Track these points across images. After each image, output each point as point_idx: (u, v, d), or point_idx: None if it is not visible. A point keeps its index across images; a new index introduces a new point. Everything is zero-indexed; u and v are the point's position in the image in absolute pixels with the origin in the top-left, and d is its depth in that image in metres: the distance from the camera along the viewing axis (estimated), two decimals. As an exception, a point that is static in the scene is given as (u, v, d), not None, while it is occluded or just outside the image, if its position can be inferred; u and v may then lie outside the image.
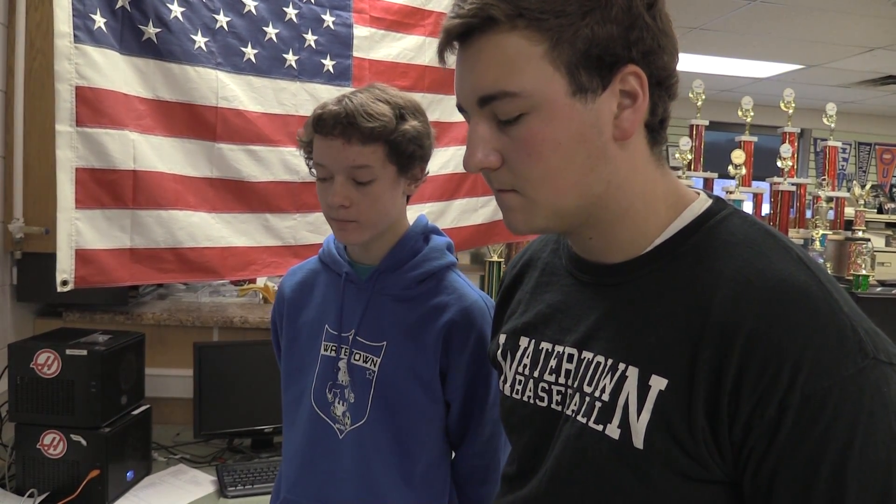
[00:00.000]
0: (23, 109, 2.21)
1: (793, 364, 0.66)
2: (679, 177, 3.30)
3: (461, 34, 0.75)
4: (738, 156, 3.31)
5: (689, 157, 3.29)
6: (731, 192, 3.30)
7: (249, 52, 2.15)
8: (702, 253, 0.76)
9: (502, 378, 0.94)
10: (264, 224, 2.21)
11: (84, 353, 1.88)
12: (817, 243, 3.38)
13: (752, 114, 3.44)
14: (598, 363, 0.79)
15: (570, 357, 0.83)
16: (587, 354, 0.81)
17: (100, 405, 1.89)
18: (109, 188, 1.89)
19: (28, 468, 1.87)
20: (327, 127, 1.22)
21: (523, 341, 0.91)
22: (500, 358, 0.95)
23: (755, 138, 3.47)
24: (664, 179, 0.81)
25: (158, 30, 1.97)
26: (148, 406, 2.12)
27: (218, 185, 2.11)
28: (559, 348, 0.85)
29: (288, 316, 1.40)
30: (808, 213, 3.68)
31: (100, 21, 1.86)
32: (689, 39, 4.93)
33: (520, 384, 0.90)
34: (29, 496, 1.82)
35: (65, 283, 1.82)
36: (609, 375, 0.77)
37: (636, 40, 0.73)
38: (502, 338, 0.96)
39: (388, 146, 1.23)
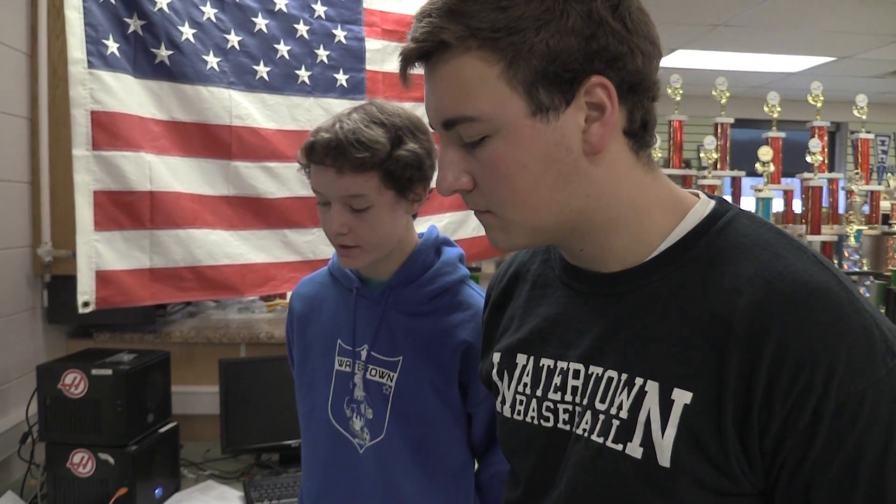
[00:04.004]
0: (47, 136, 2.27)
1: (826, 369, 0.64)
2: (705, 176, 3.26)
3: (417, 58, 0.73)
4: (765, 153, 3.24)
5: (715, 155, 3.24)
6: (759, 190, 3.24)
7: (262, 70, 2.18)
8: (713, 257, 0.73)
9: (500, 399, 0.91)
10: (283, 240, 2.22)
11: (109, 372, 1.91)
12: (852, 239, 3.30)
13: (779, 109, 3.37)
14: (611, 378, 0.76)
15: (577, 373, 0.80)
16: (596, 369, 0.78)
17: (126, 424, 1.91)
18: (127, 210, 1.93)
19: (59, 487, 1.90)
20: (319, 156, 1.20)
21: (521, 359, 0.87)
22: (495, 378, 0.91)
23: (783, 134, 3.40)
24: (655, 184, 0.78)
25: (171, 52, 2.01)
26: (175, 423, 2.14)
27: (235, 202, 2.14)
28: (562, 364, 0.82)
29: (298, 329, 1.40)
30: (842, 209, 3.59)
31: (112, 46, 1.90)
32: (713, 36, 4.85)
33: (521, 404, 0.86)
34: (57, 514, 1.85)
35: (86, 304, 1.86)
36: (625, 391, 0.74)
37: (600, 49, 0.70)
38: (496, 356, 0.92)
39: (383, 173, 1.20)
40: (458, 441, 1.29)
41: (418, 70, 0.76)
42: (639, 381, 0.73)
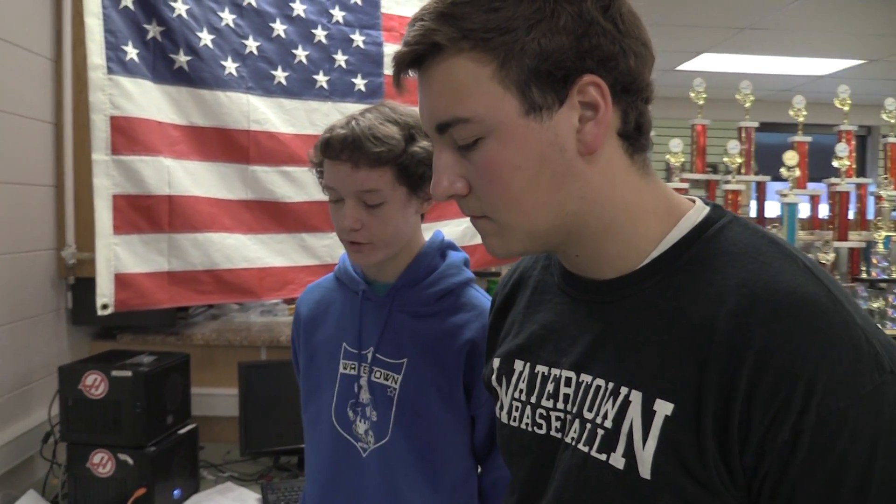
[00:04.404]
0: (72, 140, 2.31)
1: (806, 383, 0.62)
2: (728, 181, 3.22)
3: (411, 62, 0.74)
4: (790, 157, 3.19)
5: (739, 160, 3.19)
6: (784, 195, 3.19)
7: (280, 75, 2.20)
8: (701, 265, 0.72)
9: (499, 405, 0.90)
10: (301, 244, 2.24)
11: (129, 374, 1.93)
12: (880, 245, 3.23)
13: (804, 113, 3.32)
14: (599, 387, 0.75)
15: (568, 381, 0.79)
16: (586, 377, 0.77)
17: (145, 425, 1.94)
18: (146, 213, 1.96)
19: (79, 487, 1.93)
20: (335, 151, 1.22)
21: (518, 365, 0.87)
22: (494, 383, 0.91)
23: (809, 138, 3.34)
24: (650, 188, 0.77)
25: (189, 58, 2.04)
26: (194, 425, 2.16)
27: (253, 206, 2.16)
28: (556, 371, 0.81)
29: (304, 334, 1.41)
30: (871, 215, 3.52)
31: (132, 52, 1.93)
32: (739, 40, 4.80)
33: (517, 411, 0.86)
34: (78, 514, 1.88)
35: (105, 306, 1.89)
36: (611, 400, 0.73)
37: (592, 48, 0.69)
38: (496, 362, 0.91)
39: (397, 169, 1.22)
40: (461, 446, 1.29)
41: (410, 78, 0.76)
42: (624, 390, 0.72)
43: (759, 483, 0.65)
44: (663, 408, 0.68)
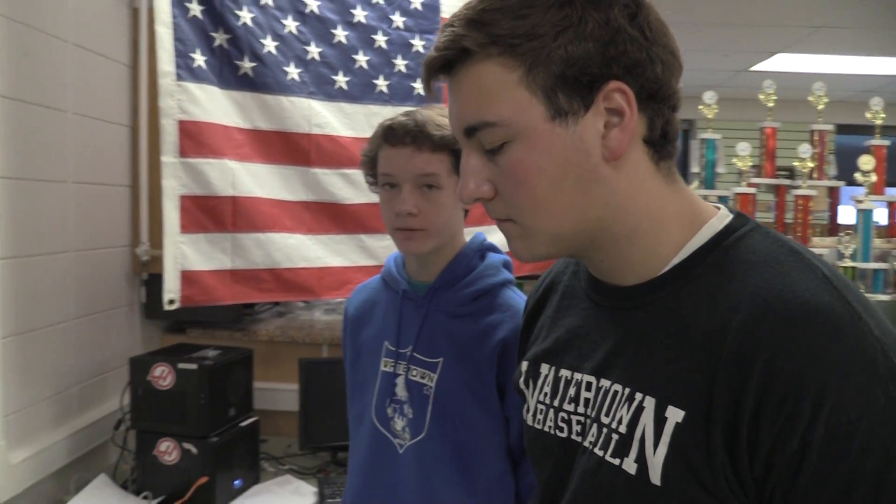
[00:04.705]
0: (146, 143, 2.43)
1: (815, 394, 0.61)
2: (798, 186, 3.12)
3: (441, 67, 0.75)
4: (865, 161, 3.06)
5: (811, 164, 3.09)
6: (860, 201, 3.07)
7: (341, 79, 2.26)
8: (719, 273, 0.71)
9: (526, 407, 0.92)
10: (359, 244, 2.29)
11: (194, 367, 2.02)
12: (964, 254, 3.07)
13: (882, 115, 3.18)
14: (616, 392, 0.75)
15: (589, 385, 0.80)
16: (605, 383, 0.78)
17: (209, 416, 2.02)
18: (211, 214, 2.04)
19: (147, 473, 2.03)
20: (397, 136, 1.26)
21: (544, 368, 0.88)
22: (522, 386, 0.93)
23: (887, 142, 3.20)
24: (675, 196, 0.77)
25: (254, 64, 2.11)
26: (256, 418, 2.24)
27: (314, 208, 2.22)
28: (578, 376, 0.82)
29: (351, 333, 1.45)
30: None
31: (199, 59, 2.02)
32: (815, 39, 4.64)
33: (541, 413, 0.87)
34: (143, 498, 1.97)
35: (171, 301, 1.98)
36: (626, 406, 0.73)
37: (618, 55, 0.70)
38: (524, 365, 0.93)
39: (454, 157, 1.25)
40: (496, 447, 1.29)
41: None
42: (638, 396, 0.72)
43: (768, 495, 0.64)
44: (674, 415, 0.68)
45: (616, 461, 0.73)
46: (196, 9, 2.03)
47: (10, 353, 1.84)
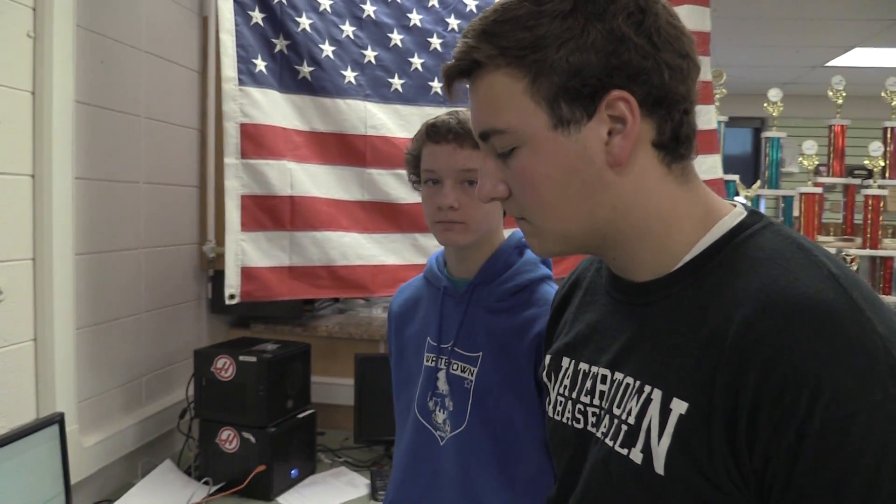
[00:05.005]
0: (214, 146, 2.54)
1: (812, 388, 0.62)
2: (869, 185, 3.01)
3: (458, 75, 0.79)
4: (942, 160, 2.95)
5: (882, 163, 2.98)
6: (935, 201, 2.95)
7: (396, 82, 2.31)
8: (727, 270, 0.73)
9: (548, 399, 0.94)
10: (413, 243, 2.34)
11: (254, 359, 2.11)
12: None
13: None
14: (628, 385, 0.78)
15: (604, 378, 0.82)
16: (619, 375, 0.80)
17: (267, 407, 2.10)
18: (270, 213, 2.13)
19: (209, 460, 2.12)
20: (441, 133, 1.30)
21: (565, 362, 0.91)
22: (545, 379, 0.95)
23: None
24: (689, 196, 0.78)
25: (312, 68, 2.19)
26: (313, 411, 2.31)
27: (369, 207, 2.29)
28: (595, 369, 0.84)
29: (396, 330, 1.49)
30: None
31: (261, 65, 2.11)
32: (894, 32, 4.45)
33: (560, 405, 0.89)
34: (204, 483, 2.07)
35: (232, 296, 2.07)
36: (636, 398, 0.75)
37: (622, 64, 0.71)
38: (548, 359, 0.96)
39: None
40: (536, 440, 1.30)
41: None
42: (647, 388, 0.74)
43: (767, 486, 0.65)
44: (679, 406, 0.70)
45: (624, 451, 0.75)
46: (258, 16, 2.12)
47: (84, 344, 1.96)
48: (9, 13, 1.67)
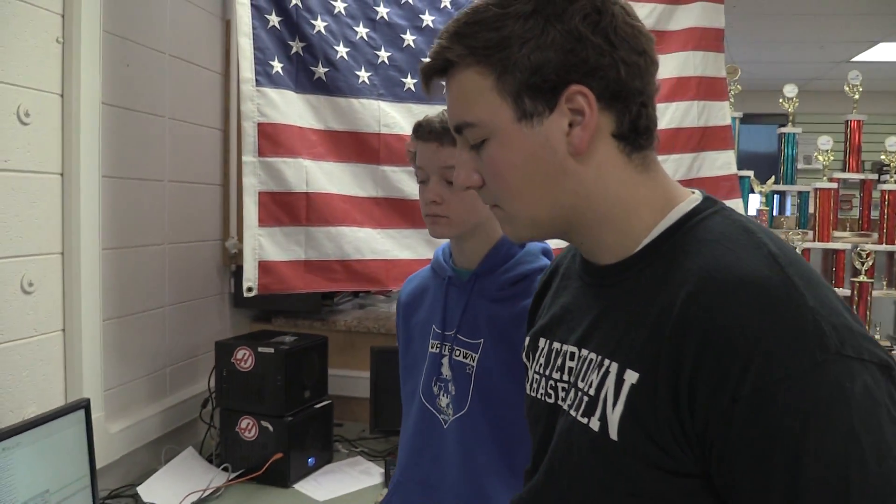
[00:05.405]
0: (236, 145, 2.62)
1: (745, 356, 0.67)
2: (885, 181, 3.00)
3: (432, 74, 0.86)
4: (960, 155, 2.93)
5: (905, 159, 2.97)
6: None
7: (409, 81, 2.37)
8: (678, 251, 0.78)
9: (527, 377, 1.01)
10: (425, 238, 2.39)
11: (272, 350, 2.18)
12: None
13: (982, 106, 3.03)
14: (591, 360, 0.84)
15: (573, 355, 0.88)
16: (584, 352, 0.86)
17: (285, 397, 2.17)
18: (286, 208, 2.20)
19: (229, 447, 2.21)
20: (424, 133, 1.39)
21: (541, 342, 0.97)
22: (525, 359, 1.02)
23: None
24: (649, 184, 0.84)
25: (327, 69, 2.26)
26: (329, 401, 2.38)
27: (382, 203, 2.35)
28: (565, 347, 0.90)
29: (403, 318, 1.56)
30: None
31: (277, 66, 2.18)
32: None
33: (536, 382, 0.96)
34: (223, 469, 2.15)
35: (249, 289, 2.15)
36: (596, 371, 0.81)
37: (579, 61, 0.78)
38: (527, 340, 1.02)
39: None
40: None
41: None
42: (606, 362, 0.80)
43: (708, 448, 0.70)
44: (631, 377, 0.76)
45: (585, 420, 0.81)
46: (275, 20, 2.20)
47: (110, 335, 2.05)
48: (38, 20, 1.77)
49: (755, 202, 3.18)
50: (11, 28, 1.68)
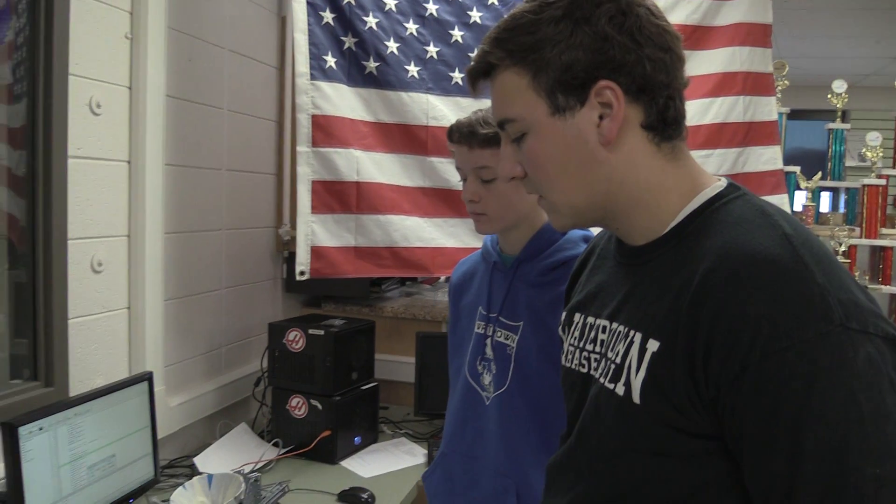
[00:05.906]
0: (290, 136, 2.73)
1: (754, 327, 0.73)
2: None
3: (477, 76, 0.94)
4: None
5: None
6: None
7: (457, 76, 2.45)
8: (700, 233, 0.85)
9: (562, 350, 1.08)
10: (471, 228, 2.42)
11: (322, 332, 2.28)
12: None
13: None
14: (620, 332, 0.91)
15: (604, 328, 0.95)
16: (615, 325, 0.93)
17: (333, 377, 2.27)
18: (338, 197, 2.30)
19: (280, 424, 2.32)
20: (454, 137, 1.48)
21: (577, 317, 1.04)
22: (561, 333, 1.09)
23: None
24: (677, 171, 0.90)
25: (378, 64, 2.35)
26: (376, 384, 2.47)
27: (430, 193, 2.43)
28: (598, 321, 0.97)
29: (453, 299, 1.65)
30: None
31: (331, 61, 2.28)
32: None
33: (570, 354, 1.03)
34: (274, 444, 2.26)
35: (302, 273, 2.25)
36: (623, 341, 0.88)
37: (607, 59, 0.85)
38: (563, 315, 1.10)
39: None
40: None
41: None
42: (632, 333, 0.87)
43: (720, 411, 0.77)
44: (652, 346, 0.83)
45: (611, 386, 0.88)
46: (329, 16, 2.29)
47: (171, 314, 2.18)
48: (109, 17, 1.89)
49: (801, 198, 3.17)
50: (84, 25, 1.81)
